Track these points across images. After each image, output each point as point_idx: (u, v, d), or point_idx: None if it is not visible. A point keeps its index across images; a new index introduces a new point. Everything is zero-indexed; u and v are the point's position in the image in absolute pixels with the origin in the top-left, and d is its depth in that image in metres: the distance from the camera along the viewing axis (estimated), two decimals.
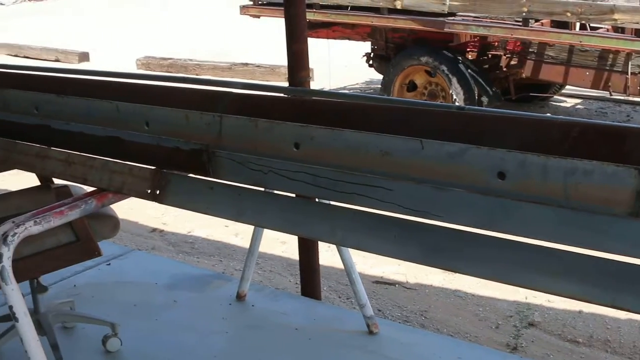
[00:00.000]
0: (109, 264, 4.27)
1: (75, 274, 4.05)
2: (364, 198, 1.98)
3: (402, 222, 1.89)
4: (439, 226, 1.88)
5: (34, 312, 3.17)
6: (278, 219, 2.10)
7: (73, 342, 3.46)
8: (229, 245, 5.45)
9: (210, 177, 2.30)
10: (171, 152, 2.39)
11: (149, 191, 2.34)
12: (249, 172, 2.21)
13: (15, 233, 2.20)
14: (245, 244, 5.36)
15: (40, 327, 3.14)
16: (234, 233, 5.60)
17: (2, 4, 32.55)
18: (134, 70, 12.89)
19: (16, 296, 2.22)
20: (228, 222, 5.65)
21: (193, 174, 2.34)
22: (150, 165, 2.44)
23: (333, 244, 2.01)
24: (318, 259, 3.74)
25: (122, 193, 2.42)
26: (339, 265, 4.80)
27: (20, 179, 5.87)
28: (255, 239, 3.63)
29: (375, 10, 8.35)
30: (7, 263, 2.18)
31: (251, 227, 5.17)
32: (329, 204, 2.04)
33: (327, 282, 4.61)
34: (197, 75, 12.04)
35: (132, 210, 5.70)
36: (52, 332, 3.16)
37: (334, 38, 9.15)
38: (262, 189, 2.21)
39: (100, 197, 2.43)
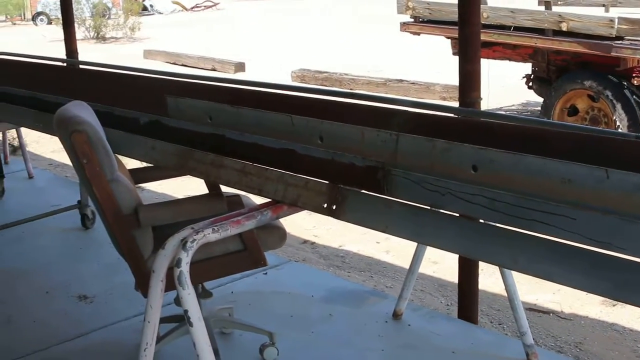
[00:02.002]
0: (266, 274, 4.32)
1: (232, 280, 4.12)
2: (545, 225, 1.93)
3: (591, 254, 1.82)
4: (629, 260, 1.81)
5: None
6: (457, 242, 2.07)
7: (230, 349, 3.51)
8: (379, 261, 5.43)
9: (384, 194, 2.28)
10: (346, 167, 2.39)
11: (325, 206, 2.34)
12: (425, 192, 2.18)
13: (195, 239, 2.24)
14: (396, 261, 5.35)
15: None
16: (385, 250, 5.58)
17: (160, 12, 33.83)
18: (288, 82, 13.08)
19: (192, 301, 2.26)
20: (379, 239, 5.65)
21: (367, 191, 2.33)
22: (323, 179, 2.45)
23: (515, 270, 1.96)
24: (478, 282, 3.67)
25: (297, 206, 2.43)
26: (491, 289, 4.73)
27: (173, 185, 6.05)
28: (417, 258, 3.60)
29: (539, 31, 8.22)
30: (185, 268, 2.23)
31: (403, 245, 5.16)
32: (510, 230, 1.99)
33: (479, 306, 4.53)
34: (351, 89, 12.11)
35: (283, 221, 5.75)
36: (213, 337, 3.21)
37: (494, 58, 9.03)
38: (440, 211, 2.18)
39: (276, 208, 2.45)
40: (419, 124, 2.63)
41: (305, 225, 6.02)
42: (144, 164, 3.42)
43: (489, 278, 4.70)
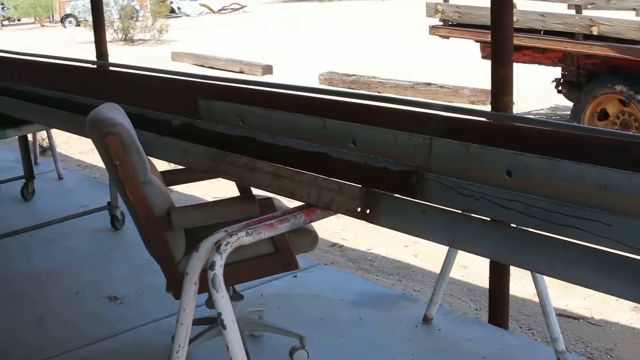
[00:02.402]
0: (295, 276, 4.31)
1: (262, 283, 4.10)
2: (580, 231, 1.91)
3: (628, 260, 1.80)
4: None
5: None
6: (493, 248, 2.05)
7: (260, 351, 3.51)
8: (408, 265, 5.42)
9: (417, 199, 2.27)
10: (379, 171, 2.38)
11: (358, 210, 2.34)
12: (459, 197, 2.17)
13: (228, 242, 2.24)
14: (425, 265, 5.33)
15: None
16: (414, 254, 5.57)
17: (187, 15, 34.09)
18: (316, 84, 13.10)
19: (226, 304, 2.26)
20: (408, 242, 5.63)
21: (401, 195, 2.33)
22: (356, 183, 2.45)
23: (552, 277, 1.94)
24: (509, 287, 3.65)
25: (331, 210, 2.43)
26: (520, 294, 4.70)
27: (201, 187, 6.06)
28: (448, 263, 3.58)
29: (570, 35, 8.18)
30: (219, 271, 2.23)
31: (431, 249, 5.15)
32: (546, 235, 1.98)
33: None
34: (379, 92, 12.10)
35: (312, 224, 5.74)
36: (244, 340, 3.21)
37: (523, 62, 8.98)
38: (474, 215, 2.16)
39: (309, 212, 2.44)
40: (451, 128, 2.62)
41: (333, 228, 6.01)
42: (173, 166, 3.42)
43: (518, 283, 4.68)
